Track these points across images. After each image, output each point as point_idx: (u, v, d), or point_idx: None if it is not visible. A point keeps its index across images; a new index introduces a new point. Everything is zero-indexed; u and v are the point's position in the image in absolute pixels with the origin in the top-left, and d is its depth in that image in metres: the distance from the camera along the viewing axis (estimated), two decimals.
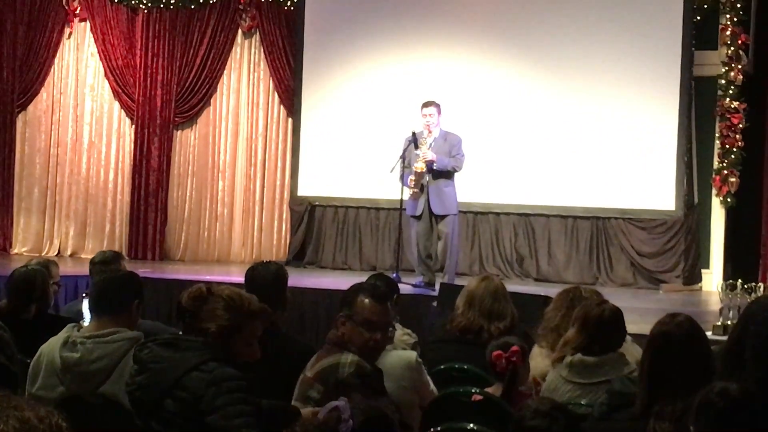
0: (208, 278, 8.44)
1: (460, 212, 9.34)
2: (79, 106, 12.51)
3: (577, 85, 10.60)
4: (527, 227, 10.83)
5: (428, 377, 4.04)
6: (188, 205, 12.26)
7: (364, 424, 2.63)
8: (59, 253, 12.25)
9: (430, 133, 8.89)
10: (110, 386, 3.64)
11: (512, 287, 5.82)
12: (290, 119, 11.91)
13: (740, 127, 10.21)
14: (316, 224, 11.55)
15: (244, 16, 12.10)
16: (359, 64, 11.41)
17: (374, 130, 11.11)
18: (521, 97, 10.77)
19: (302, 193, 11.60)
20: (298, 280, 8.17)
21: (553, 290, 6.10)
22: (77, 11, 12.47)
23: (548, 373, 4.17)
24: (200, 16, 12.12)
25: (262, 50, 12.05)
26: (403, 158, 8.93)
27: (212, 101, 12.26)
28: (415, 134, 8.91)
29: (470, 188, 9.86)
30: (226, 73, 12.20)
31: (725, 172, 10.24)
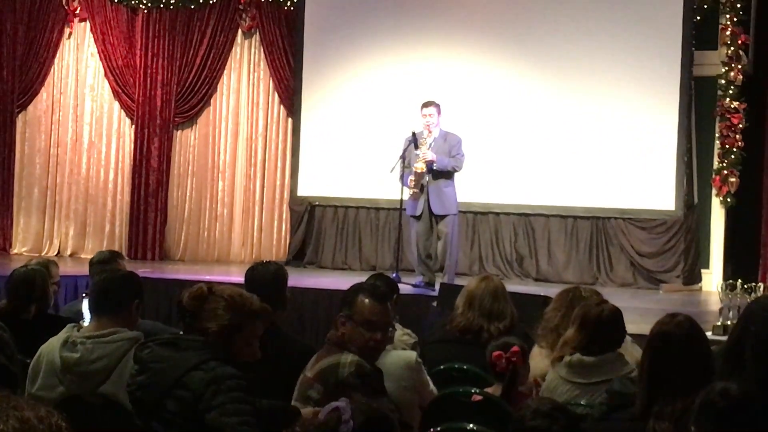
0: (207, 278, 8.43)
1: (459, 212, 9.34)
2: (79, 106, 12.51)
3: (577, 85, 10.60)
4: (527, 227, 10.83)
5: (428, 377, 4.04)
6: (188, 205, 12.26)
7: (364, 424, 2.63)
8: (59, 253, 12.25)
9: (429, 133, 8.88)
10: (110, 386, 3.64)
11: (512, 287, 5.83)
12: (290, 119, 11.90)
13: (740, 127, 10.21)
14: (315, 224, 11.55)
15: (244, 16, 12.10)
16: (359, 64, 11.40)
17: (374, 130, 11.11)
18: (521, 97, 10.77)
19: (302, 193, 11.59)
20: (297, 280, 8.17)
21: (552, 290, 6.10)
22: (77, 11, 12.47)
23: (548, 373, 4.17)
24: (200, 16, 12.12)
25: (262, 50, 12.05)
26: (403, 158, 8.93)
27: (212, 101, 12.26)
28: (414, 134, 8.90)
29: (470, 188, 9.86)
30: (226, 73, 12.20)
31: (725, 172, 10.24)
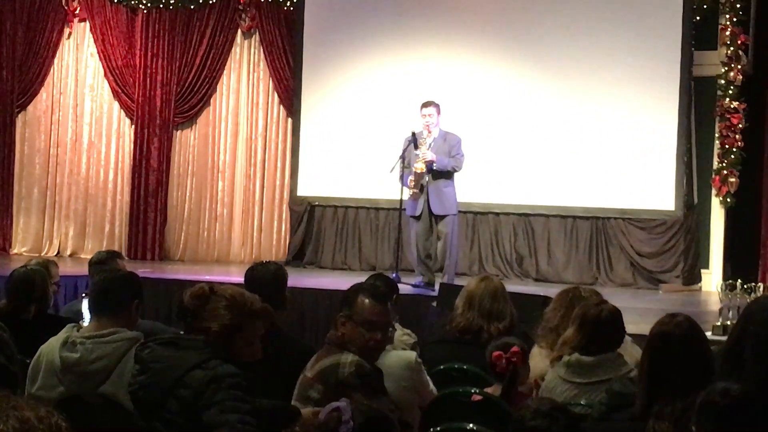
0: (207, 278, 8.43)
1: (459, 212, 9.33)
2: (78, 106, 12.51)
3: (576, 85, 10.60)
4: (527, 227, 10.83)
5: (428, 377, 4.04)
6: (188, 205, 12.26)
7: (364, 425, 2.62)
8: (59, 253, 12.25)
9: (429, 133, 8.88)
10: (110, 386, 3.63)
11: (512, 287, 5.83)
12: (290, 119, 11.90)
13: (740, 127, 10.21)
14: (315, 224, 11.55)
15: (243, 16, 12.10)
16: (359, 64, 11.40)
17: (374, 130, 11.11)
18: (521, 97, 10.77)
19: (302, 193, 11.59)
20: (297, 280, 8.16)
21: (552, 290, 6.09)
22: (77, 11, 12.47)
23: (547, 372, 4.17)
24: (200, 16, 12.12)
25: (261, 50, 12.05)
26: (402, 158, 8.93)
27: (212, 101, 12.26)
28: (414, 134, 8.90)
29: (470, 188, 9.86)
30: (225, 73, 12.20)
31: (725, 172, 10.24)
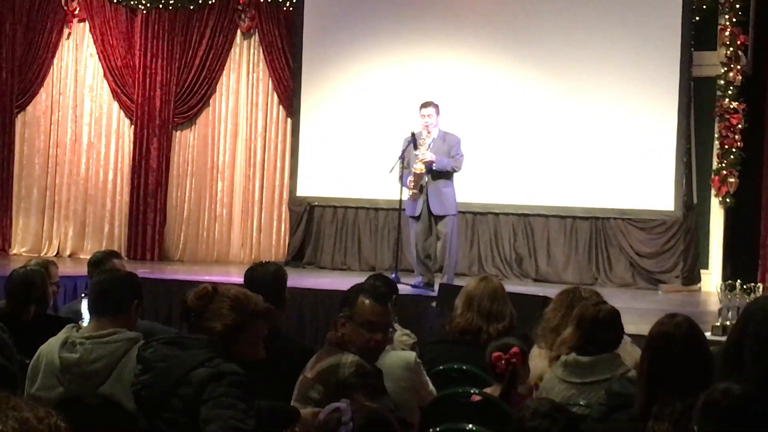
0: (207, 279, 8.44)
1: (459, 212, 9.33)
2: (78, 106, 12.51)
3: (576, 85, 10.60)
4: (526, 227, 10.82)
5: (427, 378, 4.04)
6: (187, 205, 12.26)
7: (364, 425, 2.62)
8: (58, 253, 12.25)
9: (428, 133, 8.87)
10: (109, 387, 3.63)
11: (511, 288, 5.83)
12: (289, 120, 11.90)
13: (739, 127, 10.21)
14: (315, 225, 11.55)
15: (243, 16, 12.09)
16: (359, 64, 11.40)
17: (373, 130, 11.11)
18: (521, 97, 10.77)
19: (301, 193, 11.59)
20: (297, 280, 8.16)
21: (552, 291, 6.09)
22: (76, 12, 12.47)
23: (545, 372, 4.17)
24: (199, 16, 12.12)
25: (261, 51, 12.04)
26: (402, 159, 8.93)
27: (211, 102, 12.26)
28: (414, 135, 8.90)
29: (469, 188, 9.85)
30: (225, 73, 12.20)
31: (724, 172, 10.24)
